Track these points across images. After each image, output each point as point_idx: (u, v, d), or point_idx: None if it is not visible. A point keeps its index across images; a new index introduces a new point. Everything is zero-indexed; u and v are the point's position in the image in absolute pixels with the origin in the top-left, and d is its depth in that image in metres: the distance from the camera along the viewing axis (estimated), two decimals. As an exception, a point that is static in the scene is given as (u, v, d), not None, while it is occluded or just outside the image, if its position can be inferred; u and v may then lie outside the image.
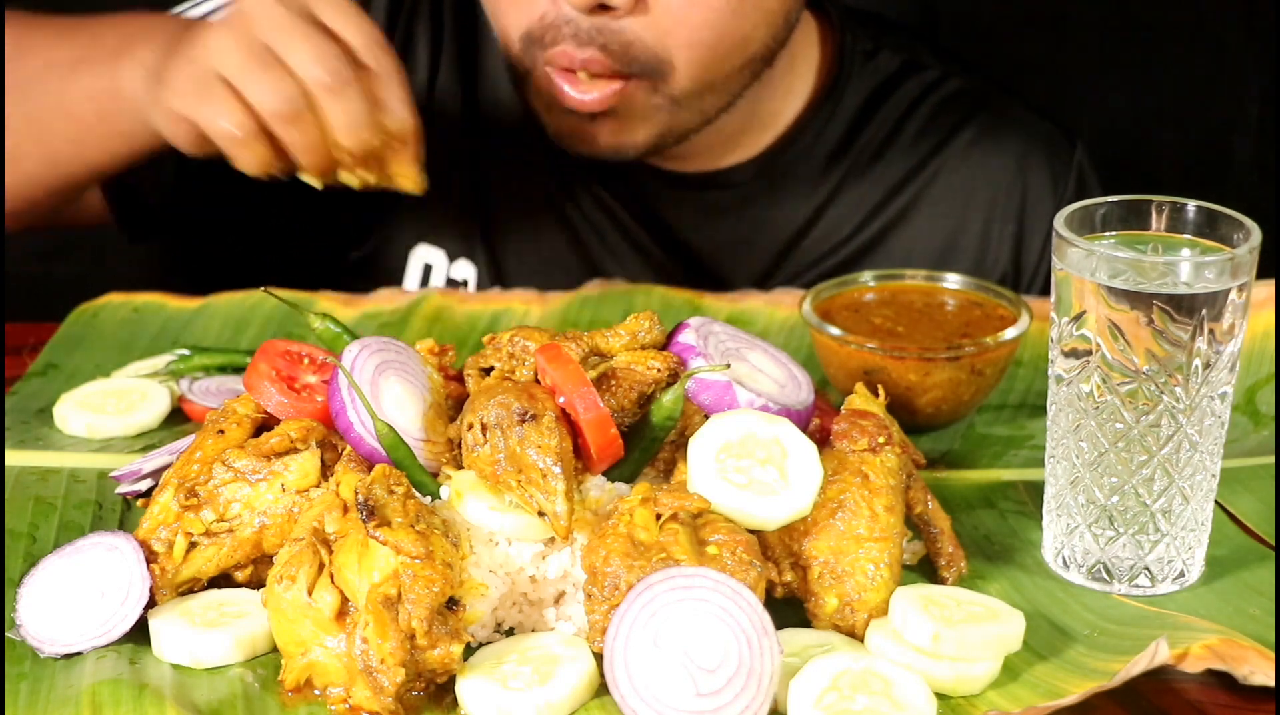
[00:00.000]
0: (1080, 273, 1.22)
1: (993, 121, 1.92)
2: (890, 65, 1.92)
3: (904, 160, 1.90)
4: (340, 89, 1.45)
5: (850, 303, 1.59)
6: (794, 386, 1.34)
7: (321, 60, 1.45)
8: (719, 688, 1.09)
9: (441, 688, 1.15)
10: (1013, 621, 1.16)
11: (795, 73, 1.86)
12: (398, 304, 1.75)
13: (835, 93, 1.89)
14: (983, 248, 1.91)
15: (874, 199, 1.90)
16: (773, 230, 1.90)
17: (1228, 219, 1.25)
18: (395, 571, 1.12)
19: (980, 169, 1.91)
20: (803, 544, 1.21)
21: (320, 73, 1.44)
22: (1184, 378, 1.21)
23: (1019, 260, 1.91)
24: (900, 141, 1.91)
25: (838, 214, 1.90)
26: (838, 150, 1.89)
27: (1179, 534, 1.26)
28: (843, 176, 1.90)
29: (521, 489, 1.18)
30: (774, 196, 1.89)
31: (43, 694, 1.14)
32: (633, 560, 1.14)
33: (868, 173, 1.90)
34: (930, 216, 1.91)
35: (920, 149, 1.91)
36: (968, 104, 1.93)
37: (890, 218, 1.91)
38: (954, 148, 1.91)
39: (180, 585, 1.23)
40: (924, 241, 1.90)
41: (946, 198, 1.91)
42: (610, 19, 1.60)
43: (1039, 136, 1.93)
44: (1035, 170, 1.91)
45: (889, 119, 1.91)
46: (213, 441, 1.27)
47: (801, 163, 1.88)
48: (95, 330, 1.69)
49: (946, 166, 1.91)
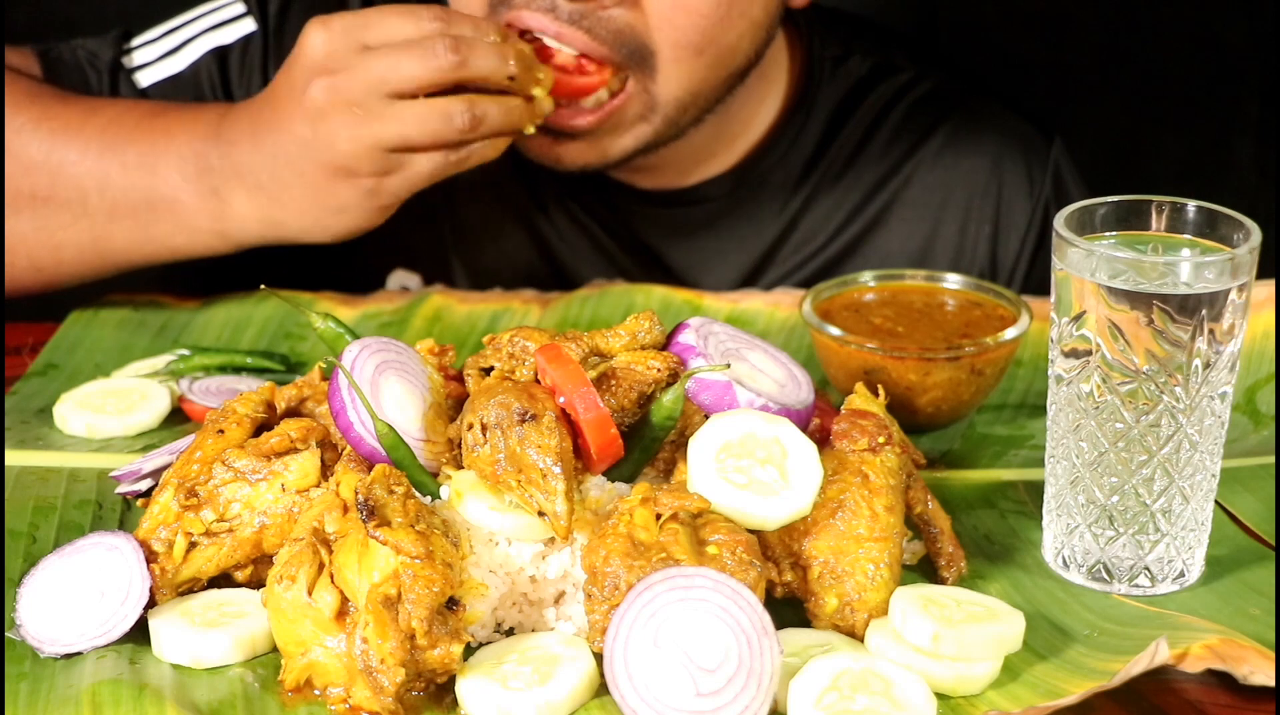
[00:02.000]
0: (1080, 273, 1.22)
1: (966, 122, 1.91)
2: (860, 69, 1.90)
3: (878, 165, 1.89)
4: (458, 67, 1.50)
5: (850, 303, 1.59)
6: (794, 386, 1.34)
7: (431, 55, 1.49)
8: (719, 688, 1.09)
9: (441, 688, 1.15)
10: (1013, 621, 1.16)
11: (766, 82, 1.84)
12: (398, 304, 1.75)
13: (806, 102, 1.86)
14: (959, 249, 1.90)
15: (848, 205, 1.89)
16: (747, 242, 1.89)
17: (1228, 219, 1.25)
18: (395, 571, 1.12)
19: (954, 171, 1.89)
20: (803, 544, 1.21)
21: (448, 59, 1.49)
22: (1184, 378, 1.21)
23: (995, 260, 1.91)
24: (873, 146, 1.89)
25: (812, 222, 1.89)
26: (811, 160, 1.88)
27: (1179, 534, 1.26)
28: (816, 185, 1.88)
29: (521, 489, 1.18)
30: (748, 209, 1.87)
31: (43, 694, 1.14)
32: (633, 560, 1.14)
33: (841, 179, 1.89)
34: (906, 220, 1.89)
35: (894, 153, 1.89)
36: (941, 105, 1.91)
37: (865, 223, 1.89)
38: (928, 150, 1.89)
39: (180, 585, 1.23)
40: (900, 245, 1.89)
41: (921, 200, 1.89)
42: (596, 5, 1.59)
43: (1014, 135, 1.92)
44: (1010, 170, 1.90)
45: (861, 124, 1.89)
46: (213, 441, 1.27)
47: (774, 174, 1.87)
48: (95, 330, 1.69)
49: (921, 169, 1.89)
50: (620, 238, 1.88)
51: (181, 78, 1.81)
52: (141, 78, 1.81)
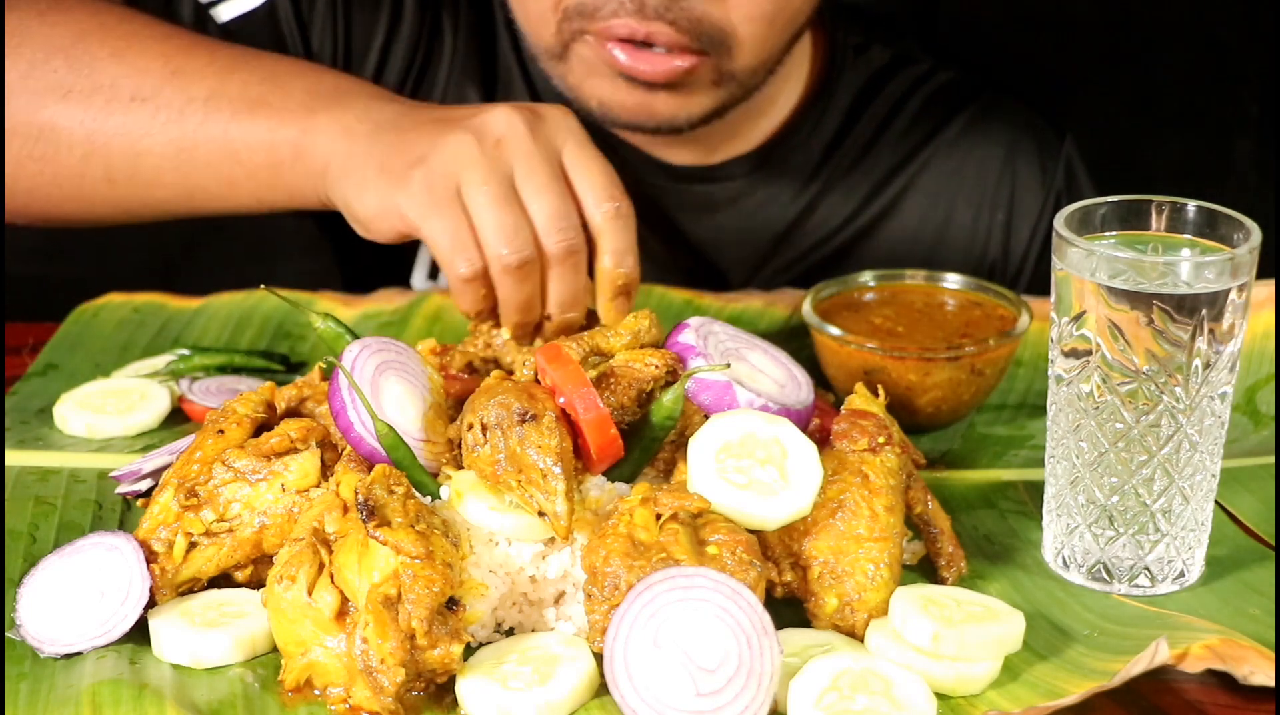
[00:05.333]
0: (1080, 273, 1.22)
1: (982, 112, 1.94)
2: (881, 59, 1.94)
3: (895, 152, 1.92)
4: (568, 259, 1.38)
5: (850, 303, 1.59)
6: (794, 386, 1.34)
7: (560, 219, 1.37)
8: (719, 688, 1.09)
9: (441, 688, 1.15)
10: (1013, 621, 1.16)
11: (792, 63, 1.87)
12: (398, 304, 1.75)
13: (828, 87, 1.90)
14: (972, 236, 1.93)
15: (865, 190, 1.92)
16: (766, 222, 1.91)
17: (1228, 219, 1.25)
18: (395, 571, 1.12)
19: (970, 159, 1.93)
20: (803, 544, 1.21)
21: (557, 237, 1.37)
22: (1184, 378, 1.21)
23: (1007, 249, 1.93)
24: (891, 133, 1.92)
25: (830, 205, 1.92)
26: (830, 144, 1.91)
27: (1179, 534, 1.26)
28: (834, 169, 1.91)
29: (522, 489, 1.18)
30: (769, 189, 1.90)
31: (43, 694, 1.14)
32: (633, 560, 1.14)
33: (859, 165, 1.92)
34: (921, 206, 1.92)
35: (911, 140, 1.93)
36: (957, 96, 1.95)
37: (881, 208, 1.92)
38: (944, 138, 1.93)
39: (180, 585, 1.23)
40: (914, 231, 1.92)
41: (937, 187, 1.93)
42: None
43: (1028, 127, 1.96)
44: (1024, 159, 1.94)
45: (880, 112, 1.92)
46: (213, 441, 1.27)
47: (795, 157, 1.90)
48: (95, 330, 1.69)
49: (937, 157, 1.93)
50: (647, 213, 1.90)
51: (257, 14, 1.80)
52: (222, 11, 1.78)
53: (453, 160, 1.38)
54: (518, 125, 1.39)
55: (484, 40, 1.89)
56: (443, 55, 1.87)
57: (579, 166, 1.41)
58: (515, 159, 1.38)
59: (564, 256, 1.38)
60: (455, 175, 1.38)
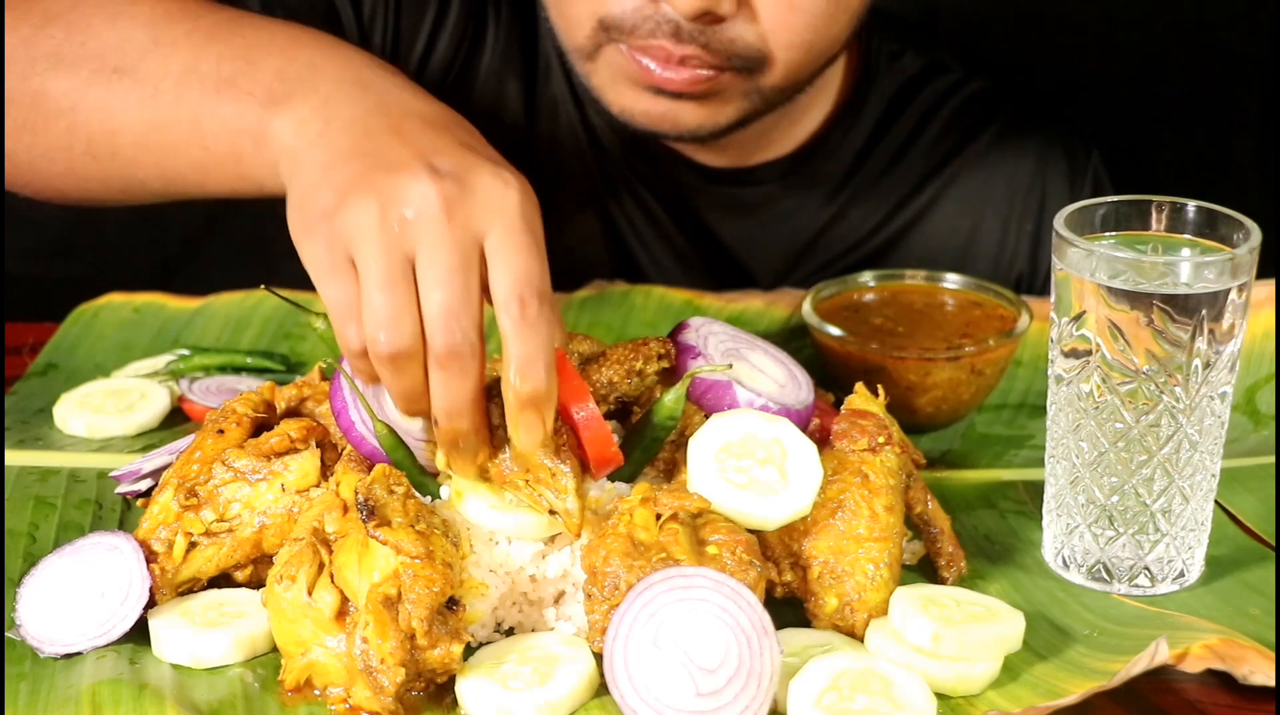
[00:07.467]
0: (1080, 273, 1.22)
1: (1013, 122, 1.94)
2: (914, 66, 1.94)
3: (926, 161, 1.92)
4: (451, 362, 1.18)
5: (850, 303, 1.59)
6: (794, 386, 1.34)
7: (450, 318, 1.17)
8: (719, 688, 1.09)
9: (441, 688, 1.15)
10: (1013, 621, 1.16)
11: (829, 71, 1.86)
12: (398, 304, 1.74)
13: (862, 92, 1.90)
14: (1000, 246, 1.93)
15: (896, 197, 1.92)
16: (797, 226, 1.92)
17: (1228, 219, 1.25)
18: (395, 571, 1.12)
19: (1000, 168, 1.93)
20: (803, 544, 1.21)
21: (442, 336, 1.17)
22: (1184, 378, 1.21)
23: (1036, 259, 1.93)
24: (922, 143, 1.92)
25: (861, 211, 1.92)
26: (862, 151, 1.91)
27: (1179, 534, 1.26)
28: (866, 176, 1.91)
29: (530, 487, 1.18)
30: (800, 194, 1.90)
31: (43, 694, 1.14)
32: (633, 560, 1.14)
33: (890, 173, 1.92)
34: (950, 215, 1.92)
35: (941, 150, 1.92)
36: (989, 105, 1.95)
37: (911, 216, 1.92)
38: (975, 148, 1.93)
39: (180, 585, 1.23)
40: (943, 239, 1.92)
41: (966, 197, 1.92)
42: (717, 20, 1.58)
43: (1057, 138, 1.96)
44: (1054, 170, 1.94)
45: (912, 120, 1.92)
46: (212, 441, 1.27)
47: (828, 163, 1.90)
48: (95, 330, 1.69)
49: (967, 166, 1.92)
50: (677, 216, 1.91)
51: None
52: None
53: (353, 225, 1.22)
54: (433, 203, 1.20)
55: (525, 32, 1.89)
56: (485, 47, 1.87)
57: (498, 256, 1.19)
58: (420, 240, 1.20)
59: (446, 358, 1.18)
60: (352, 242, 1.22)
